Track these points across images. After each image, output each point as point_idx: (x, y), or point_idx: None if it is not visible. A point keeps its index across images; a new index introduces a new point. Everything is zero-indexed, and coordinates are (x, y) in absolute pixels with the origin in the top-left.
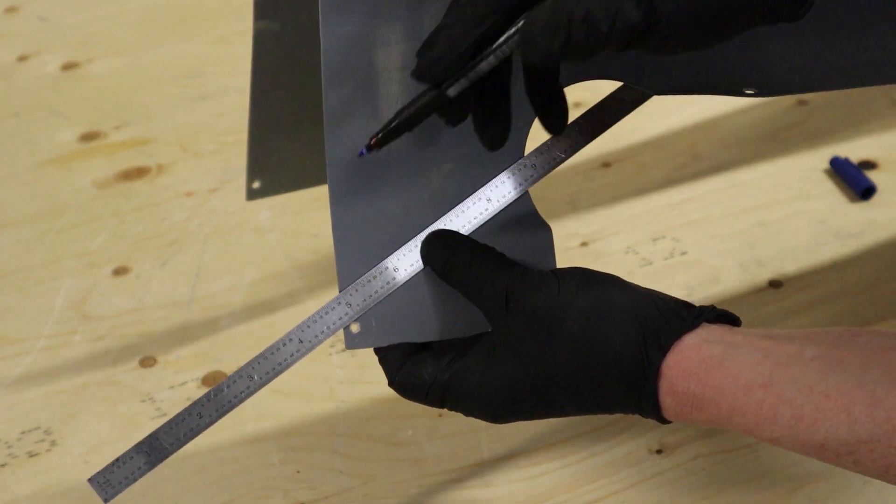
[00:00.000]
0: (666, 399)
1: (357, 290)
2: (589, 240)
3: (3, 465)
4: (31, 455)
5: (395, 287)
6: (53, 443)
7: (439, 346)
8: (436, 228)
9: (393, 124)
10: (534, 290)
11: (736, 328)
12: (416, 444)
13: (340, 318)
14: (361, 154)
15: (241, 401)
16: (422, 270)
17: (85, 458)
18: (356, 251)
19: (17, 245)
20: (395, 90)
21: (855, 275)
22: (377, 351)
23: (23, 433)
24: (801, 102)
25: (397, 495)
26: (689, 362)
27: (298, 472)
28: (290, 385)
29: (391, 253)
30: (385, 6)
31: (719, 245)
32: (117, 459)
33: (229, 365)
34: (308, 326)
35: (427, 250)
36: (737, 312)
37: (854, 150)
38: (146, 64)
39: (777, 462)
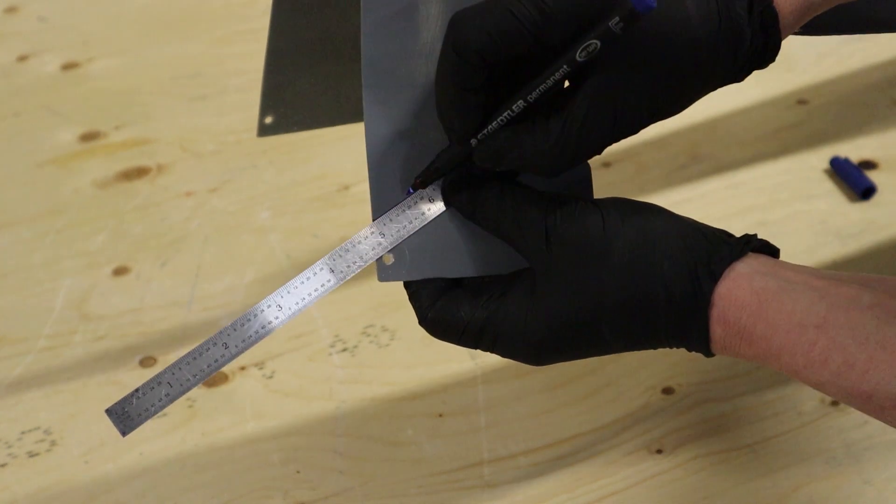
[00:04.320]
0: (716, 329)
1: (391, 220)
2: None
3: (3, 465)
4: (31, 455)
5: (431, 218)
6: (53, 443)
7: (475, 285)
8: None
9: (433, 167)
10: (576, 221)
11: (785, 263)
12: (416, 444)
13: (374, 249)
14: (409, 193)
15: (269, 332)
16: None
17: (85, 458)
18: (391, 179)
19: (17, 245)
20: (434, 11)
21: None
22: (407, 286)
23: (23, 433)
24: (801, 102)
25: (397, 495)
26: (741, 292)
27: (298, 472)
28: (290, 385)
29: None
30: None
31: None
32: (137, 390)
33: (229, 365)
34: (340, 256)
35: (450, 190)
36: None
37: (854, 150)
38: (146, 64)
39: (777, 462)
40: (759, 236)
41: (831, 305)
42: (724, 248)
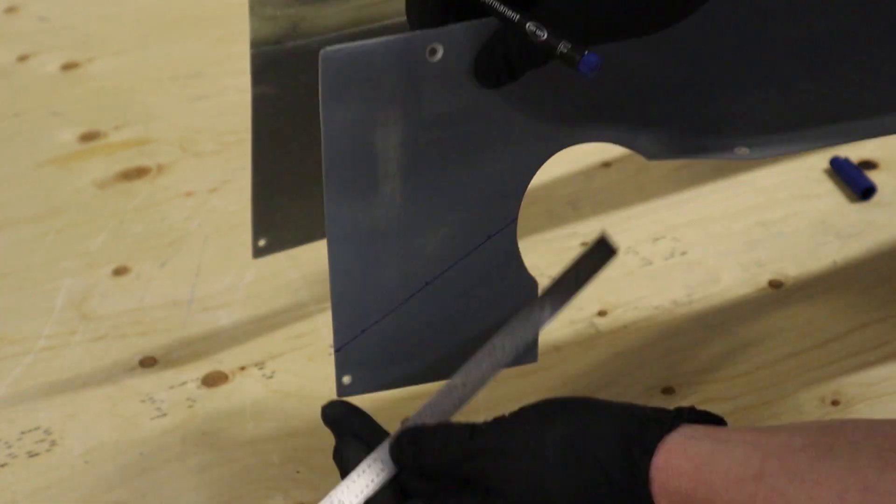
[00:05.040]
0: (661, 501)
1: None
2: (589, 240)
3: (3, 465)
4: (31, 455)
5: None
6: (53, 443)
7: (429, 490)
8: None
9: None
10: (502, 439)
11: (721, 427)
12: None
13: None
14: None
15: None
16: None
17: (85, 458)
18: (353, 318)
19: (17, 245)
20: (393, 168)
21: (855, 275)
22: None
23: (23, 433)
24: None
25: None
26: (677, 460)
27: (298, 472)
28: (290, 385)
29: (386, 316)
30: (384, 91)
31: (719, 245)
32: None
33: (229, 365)
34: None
35: (397, 449)
36: (737, 313)
37: (854, 150)
38: (146, 64)
39: None
40: (759, 236)
41: (766, 455)
42: (654, 425)
